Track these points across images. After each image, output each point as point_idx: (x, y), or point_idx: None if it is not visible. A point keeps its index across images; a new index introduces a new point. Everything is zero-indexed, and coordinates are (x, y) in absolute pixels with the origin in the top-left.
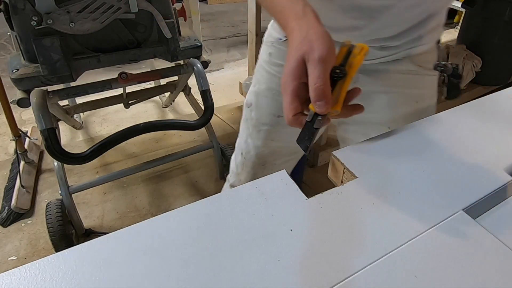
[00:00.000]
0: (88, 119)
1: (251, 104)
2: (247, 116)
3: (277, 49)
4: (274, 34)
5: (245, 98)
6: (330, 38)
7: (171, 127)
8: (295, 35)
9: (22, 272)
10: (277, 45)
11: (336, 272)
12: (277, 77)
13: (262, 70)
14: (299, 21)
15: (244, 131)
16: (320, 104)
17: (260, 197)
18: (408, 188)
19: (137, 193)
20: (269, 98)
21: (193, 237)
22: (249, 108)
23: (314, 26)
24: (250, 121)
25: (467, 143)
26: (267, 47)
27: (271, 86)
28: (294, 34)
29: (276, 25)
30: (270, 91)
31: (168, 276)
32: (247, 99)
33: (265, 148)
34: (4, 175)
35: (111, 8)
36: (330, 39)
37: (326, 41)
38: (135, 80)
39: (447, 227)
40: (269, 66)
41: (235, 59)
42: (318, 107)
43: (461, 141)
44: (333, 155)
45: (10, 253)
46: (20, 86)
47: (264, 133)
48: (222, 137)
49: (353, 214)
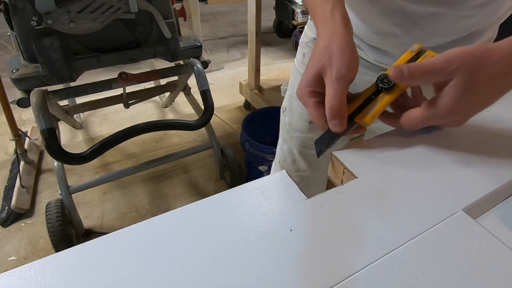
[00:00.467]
0: (88, 119)
1: (285, 109)
2: (282, 121)
3: (310, 48)
4: (308, 34)
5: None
6: (352, 50)
7: (171, 127)
8: (319, 40)
9: (22, 272)
10: (311, 45)
11: (336, 272)
12: None
13: (296, 72)
14: (325, 23)
15: (280, 137)
16: (334, 123)
17: (260, 197)
18: (408, 188)
19: (137, 193)
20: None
21: (193, 237)
22: (284, 113)
23: (338, 32)
24: (284, 126)
25: (468, 143)
26: (302, 47)
27: None
28: (318, 38)
29: (311, 24)
30: None
31: (168, 276)
32: (283, 104)
33: (302, 156)
34: (4, 175)
35: (111, 8)
36: (351, 52)
37: (347, 54)
38: (135, 80)
39: (447, 227)
40: (302, 67)
41: (235, 59)
42: (332, 125)
43: (461, 140)
44: (333, 155)
45: (10, 253)
46: (20, 86)
47: (297, 140)
48: (222, 137)
49: (353, 214)
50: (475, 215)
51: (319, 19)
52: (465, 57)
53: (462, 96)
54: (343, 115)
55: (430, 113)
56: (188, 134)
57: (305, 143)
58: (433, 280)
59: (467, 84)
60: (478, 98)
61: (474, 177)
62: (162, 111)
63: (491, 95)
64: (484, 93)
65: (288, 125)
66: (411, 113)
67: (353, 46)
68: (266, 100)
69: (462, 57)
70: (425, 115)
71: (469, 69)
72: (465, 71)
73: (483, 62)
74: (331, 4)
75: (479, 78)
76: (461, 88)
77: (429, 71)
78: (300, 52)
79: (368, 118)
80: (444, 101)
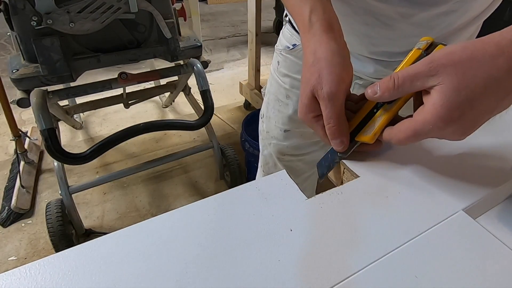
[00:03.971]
0: (88, 119)
1: (263, 115)
2: (260, 127)
3: (284, 57)
4: (283, 42)
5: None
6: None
7: (171, 127)
8: (305, 56)
9: (22, 272)
10: (285, 54)
11: (336, 272)
12: (284, 88)
13: (271, 79)
14: (306, 34)
15: (260, 143)
16: (336, 142)
17: (260, 197)
18: (408, 188)
19: (137, 193)
20: (276, 109)
21: (193, 237)
22: (262, 119)
23: (321, 42)
24: (263, 133)
25: (468, 142)
26: (277, 55)
27: (278, 97)
28: (304, 52)
29: (286, 32)
30: (277, 102)
31: (168, 276)
32: (261, 110)
33: (281, 163)
34: (4, 175)
35: (111, 8)
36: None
37: (335, 68)
38: (135, 80)
39: (447, 227)
40: (277, 75)
41: (235, 59)
42: (334, 145)
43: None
44: None
45: (10, 253)
46: (20, 86)
47: (274, 147)
48: (222, 137)
49: (353, 214)
50: (475, 215)
51: (300, 27)
52: (451, 56)
53: (452, 102)
54: (344, 134)
55: (418, 124)
56: (188, 134)
57: (281, 150)
58: (433, 280)
59: (457, 87)
60: (478, 102)
61: (474, 177)
62: (162, 111)
63: (497, 97)
64: (486, 96)
65: (265, 131)
66: (400, 125)
67: (340, 53)
68: None
69: (447, 57)
70: (414, 127)
71: (457, 69)
72: (452, 72)
73: (476, 58)
74: (309, 8)
75: (472, 78)
76: (448, 92)
77: (411, 78)
78: (275, 60)
79: (370, 136)
80: (430, 109)
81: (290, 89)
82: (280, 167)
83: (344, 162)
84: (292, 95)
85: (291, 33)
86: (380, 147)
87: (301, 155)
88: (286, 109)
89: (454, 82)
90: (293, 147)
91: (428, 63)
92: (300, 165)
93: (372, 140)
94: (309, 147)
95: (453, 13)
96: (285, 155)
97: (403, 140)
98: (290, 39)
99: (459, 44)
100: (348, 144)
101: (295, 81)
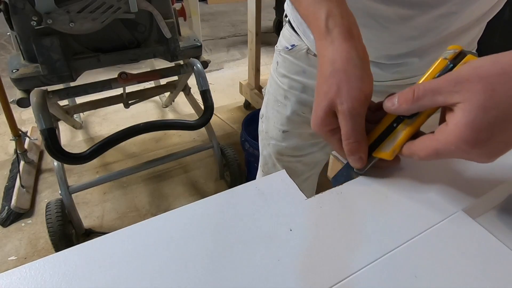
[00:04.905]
0: (88, 119)
1: (262, 116)
2: (260, 128)
3: (283, 58)
4: (282, 42)
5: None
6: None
7: (171, 127)
8: (321, 66)
9: (22, 272)
10: (284, 54)
11: (336, 272)
12: (282, 89)
13: (271, 79)
14: (323, 41)
15: (260, 143)
16: (354, 159)
17: (260, 197)
18: (408, 188)
19: (137, 193)
20: (275, 110)
21: (193, 237)
22: (261, 119)
23: (341, 51)
24: (262, 133)
25: None
26: (276, 55)
27: (277, 98)
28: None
29: (285, 32)
30: (276, 103)
31: (168, 276)
32: (261, 110)
33: (280, 163)
34: (4, 175)
35: (111, 8)
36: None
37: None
38: (135, 80)
39: (447, 227)
40: (276, 75)
41: (235, 59)
42: (352, 162)
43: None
44: (333, 155)
45: (10, 253)
46: (20, 86)
47: (273, 147)
48: (222, 137)
49: (353, 214)
50: (475, 215)
51: (314, 32)
52: (479, 70)
53: (479, 123)
54: (363, 150)
55: (440, 144)
56: (188, 134)
57: (280, 151)
58: (432, 280)
59: (484, 105)
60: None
61: (474, 177)
62: (162, 111)
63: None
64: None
65: (265, 132)
66: (421, 142)
67: (361, 65)
68: None
69: (474, 71)
70: (435, 146)
71: (485, 85)
72: (479, 89)
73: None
74: (325, 12)
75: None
76: (474, 111)
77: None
78: (274, 60)
79: (389, 153)
80: (453, 129)
81: (288, 90)
82: (279, 167)
83: (344, 162)
84: (290, 96)
85: (290, 34)
86: (399, 163)
87: (300, 156)
88: (284, 110)
89: (481, 100)
90: (292, 148)
91: (453, 78)
92: (299, 166)
93: (391, 157)
94: (308, 148)
95: (453, 15)
96: (284, 156)
97: (423, 158)
98: (289, 39)
99: (488, 57)
100: (366, 160)
101: (293, 82)
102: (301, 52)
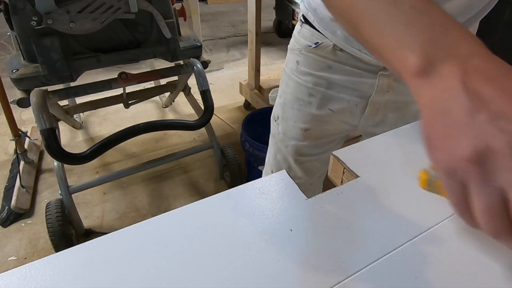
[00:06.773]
0: (88, 119)
1: (277, 118)
2: (274, 131)
3: (305, 56)
4: (302, 41)
5: (272, 112)
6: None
7: (171, 127)
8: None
9: (22, 272)
10: (306, 52)
11: (336, 272)
12: (305, 87)
13: (288, 80)
14: (420, 80)
15: (272, 147)
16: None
17: (260, 197)
18: (409, 188)
19: (137, 193)
20: (296, 109)
21: (193, 237)
22: (276, 122)
23: (453, 95)
24: (278, 135)
25: None
26: (295, 55)
27: (298, 96)
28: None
29: (305, 32)
30: (297, 102)
31: (168, 276)
32: (273, 113)
33: (298, 164)
34: (4, 175)
35: (111, 8)
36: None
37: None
38: (135, 80)
39: (447, 227)
40: (296, 75)
41: (235, 59)
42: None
43: None
44: (333, 154)
45: (10, 253)
46: (20, 86)
47: (292, 148)
48: (222, 137)
49: (353, 214)
50: None
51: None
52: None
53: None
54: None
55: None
56: (188, 134)
57: (300, 151)
58: (433, 280)
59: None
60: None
61: None
62: (162, 111)
63: None
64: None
65: (282, 134)
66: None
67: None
68: (266, 100)
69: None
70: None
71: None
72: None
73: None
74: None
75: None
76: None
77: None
78: (293, 60)
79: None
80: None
81: (313, 87)
82: (296, 170)
83: (344, 162)
84: (316, 93)
85: (311, 33)
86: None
87: (319, 154)
88: (308, 108)
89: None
90: (312, 146)
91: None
92: (316, 164)
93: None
94: (327, 144)
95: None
96: (303, 156)
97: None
98: (311, 38)
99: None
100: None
101: (318, 79)
102: (328, 49)
